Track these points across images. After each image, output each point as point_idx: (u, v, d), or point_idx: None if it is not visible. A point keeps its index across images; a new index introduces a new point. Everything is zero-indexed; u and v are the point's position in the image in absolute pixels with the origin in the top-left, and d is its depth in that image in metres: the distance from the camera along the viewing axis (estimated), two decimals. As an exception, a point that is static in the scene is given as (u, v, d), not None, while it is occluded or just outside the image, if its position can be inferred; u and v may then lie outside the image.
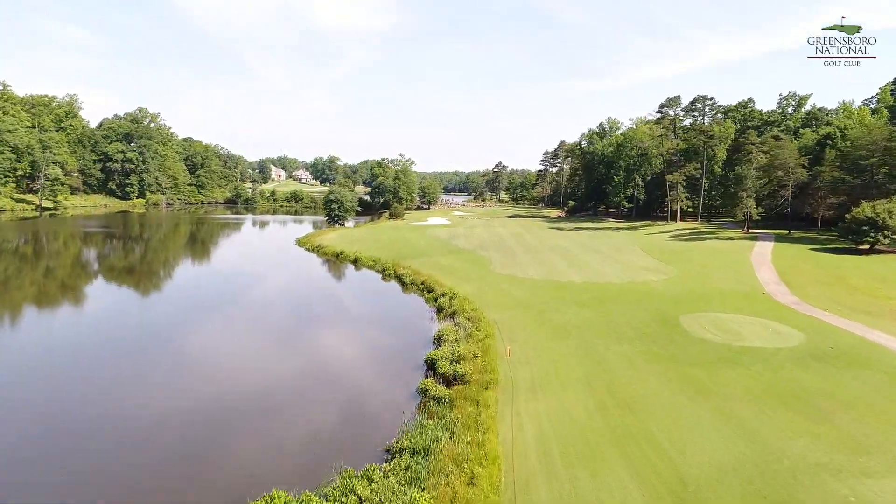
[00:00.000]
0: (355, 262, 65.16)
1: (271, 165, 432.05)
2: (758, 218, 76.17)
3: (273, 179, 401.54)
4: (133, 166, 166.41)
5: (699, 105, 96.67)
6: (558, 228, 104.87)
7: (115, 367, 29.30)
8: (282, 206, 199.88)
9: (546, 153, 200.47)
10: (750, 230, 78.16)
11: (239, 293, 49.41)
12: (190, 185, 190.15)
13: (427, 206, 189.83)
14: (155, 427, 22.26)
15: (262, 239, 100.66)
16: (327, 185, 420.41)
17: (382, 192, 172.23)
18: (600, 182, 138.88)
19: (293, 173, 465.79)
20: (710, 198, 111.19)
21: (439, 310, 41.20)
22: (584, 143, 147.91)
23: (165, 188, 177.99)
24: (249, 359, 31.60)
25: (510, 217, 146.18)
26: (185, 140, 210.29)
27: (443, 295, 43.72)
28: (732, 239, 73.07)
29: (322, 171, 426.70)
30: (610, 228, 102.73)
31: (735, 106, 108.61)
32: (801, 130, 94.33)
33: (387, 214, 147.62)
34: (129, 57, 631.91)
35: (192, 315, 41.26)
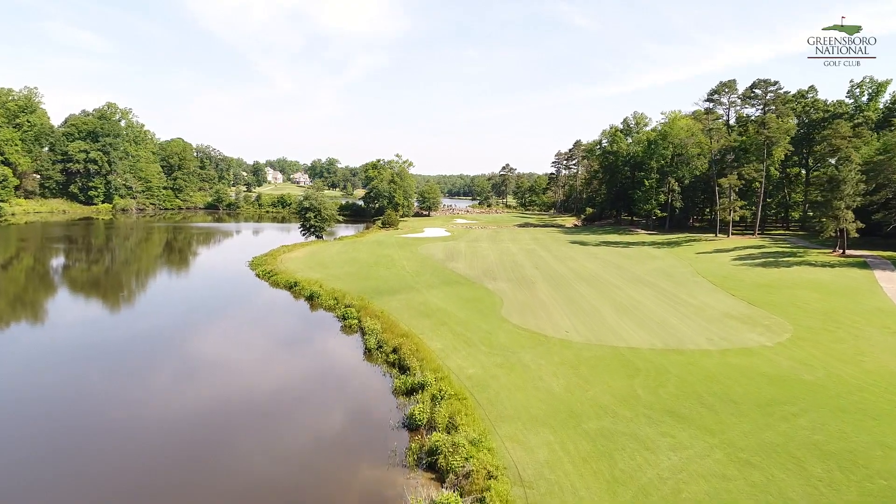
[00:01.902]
0: (311, 298, 46.43)
1: (268, 168, 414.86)
2: (856, 235, 57.12)
3: (269, 182, 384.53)
4: (97, 167, 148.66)
5: (759, 91, 77.58)
6: (581, 243, 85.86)
7: None
8: (267, 211, 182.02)
9: (559, 154, 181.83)
10: (846, 251, 58.99)
11: (93, 365, 30.85)
12: (166, 188, 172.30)
13: (427, 213, 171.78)
14: None
15: (212, 256, 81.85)
16: (326, 188, 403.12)
17: (377, 198, 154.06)
18: (625, 187, 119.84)
19: (291, 176, 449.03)
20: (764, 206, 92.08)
21: (411, 425, 22.36)
22: (604, 143, 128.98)
23: (136, 192, 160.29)
24: None
25: (520, 226, 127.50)
26: (174, 140, 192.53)
27: (422, 387, 24.94)
28: (832, 265, 53.97)
29: (320, 173, 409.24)
30: (644, 243, 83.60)
31: (794, 96, 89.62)
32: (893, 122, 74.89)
33: (379, 223, 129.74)
34: (140, 61, 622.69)
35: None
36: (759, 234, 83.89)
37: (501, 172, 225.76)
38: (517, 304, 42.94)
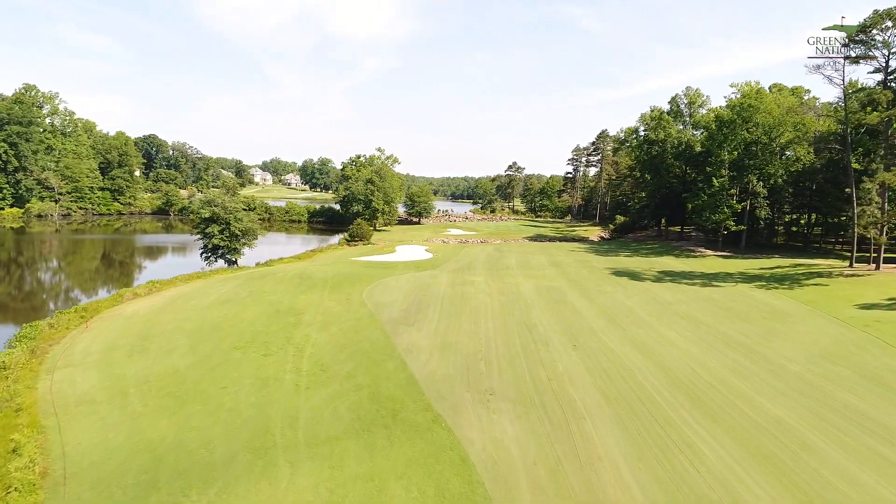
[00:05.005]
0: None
1: (256, 169, 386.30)
2: None
3: (256, 184, 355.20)
4: (1, 163, 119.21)
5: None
6: (629, 275, 54.99)
7: None
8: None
9: (577, 150, 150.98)
10: None
11: None
12: (102, 189, 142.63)
13: (417, 220, 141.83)
14: None
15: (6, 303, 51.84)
16: (318, 190, 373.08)
17: (352, 201, 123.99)
18: (674, 188, 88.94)
19: (283, 178, 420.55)
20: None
21: None
22: (642, 130, 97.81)
23: (59, 194, 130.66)
24: None
25: (531, 239, 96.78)
26: (118, 133, 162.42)
27: None
28: None
29: (312, 174, 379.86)
30: (731, 277, 52.74)
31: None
32: None
33: (346, 236, 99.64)
34: (143, 62, 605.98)
35: None
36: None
37: (508, 172, 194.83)
38: None
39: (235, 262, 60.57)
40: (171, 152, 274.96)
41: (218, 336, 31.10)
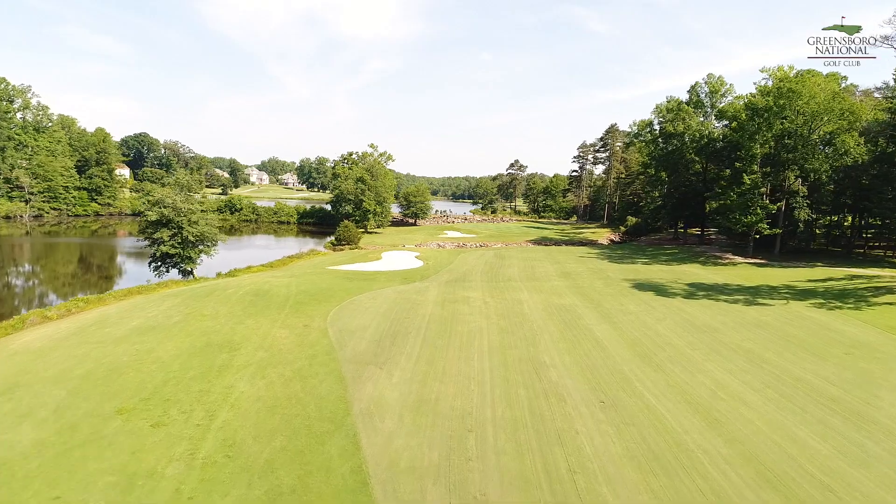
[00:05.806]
0: None
1: (251, 168, 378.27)
2: None
3: (252, 184, 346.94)
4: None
5: None
6: (654, 288, 46.34)
7: None
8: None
9: (583, 146, 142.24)
10: None
11: None
12: (78, 189, 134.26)
13: (413, 221, 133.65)
14: None
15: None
16: (316, 190, 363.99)
17: (342, 202, 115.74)
18: (694, 187, 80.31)
19: (280, 177, 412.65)
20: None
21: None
22: (656, 123, 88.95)
23: (30, 193, 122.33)
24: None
25: (535, 242, 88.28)
26: (97, 130, 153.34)
27: None
28: None
29: (309, 174, 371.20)
30: (778, 292, 44.15)
31: None
32: None
33: (332, 240, 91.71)
34: (153, 64, 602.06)
35: None
36: None
37: (509, 171, 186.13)
38: None
39: (191, 273, 51.93)
40: (162, 151, 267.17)
41: (107, 388, 22.44)
